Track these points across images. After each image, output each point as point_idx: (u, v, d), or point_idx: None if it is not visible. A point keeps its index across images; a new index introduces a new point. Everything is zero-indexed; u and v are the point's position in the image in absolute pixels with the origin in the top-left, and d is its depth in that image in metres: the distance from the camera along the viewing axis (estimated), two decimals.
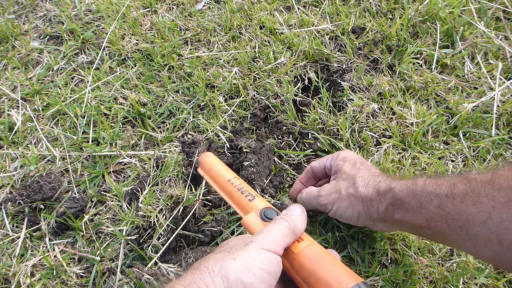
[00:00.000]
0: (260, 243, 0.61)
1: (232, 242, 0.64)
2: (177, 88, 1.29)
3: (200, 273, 0.56)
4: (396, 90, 1.22)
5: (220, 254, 0.59)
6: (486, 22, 1.34)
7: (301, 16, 1.41)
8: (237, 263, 0.57)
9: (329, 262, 0.61)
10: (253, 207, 0.75)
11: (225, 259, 0.57)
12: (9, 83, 1.34)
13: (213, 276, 0.55)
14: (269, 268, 0.58)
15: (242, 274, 0.56)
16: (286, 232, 0.65)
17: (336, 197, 0.85)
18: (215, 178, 0.86)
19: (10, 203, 1.07)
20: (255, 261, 0.58)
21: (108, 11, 1.51)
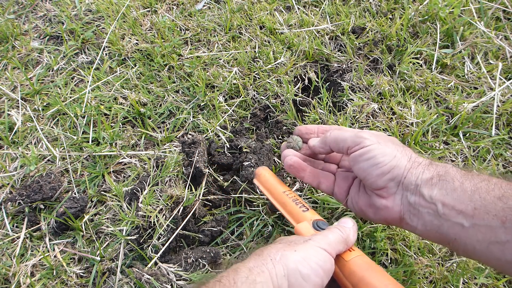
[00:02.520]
0: (318, 242, 0.65)
1: (291, 238, 0.68)
2: (177, 88, 1.29)
3: (263, 259, 0.60)
4: (396, 90, 1.22)
5: (281, 245, 0.63)
6: (486, 22, 1.34)
7: (301, 16, 1.41)
8: (297, 254, 0.61)
9: (378, 272, 0.65)
10: (306, 217, 0.80)
11: (286, 249, 0.62)
12: (9, 83, 1.34)
13: (274, 263, 0.59)
14: (324, 265, 0.62)
15: (301, 265, 0.60)
16: (339, 240, 0.68)
17: (379, 140, 0.74)
18: (270, 189, 0.91)
19: (10, 203, 1.07)
20: (313, 256, 0.62)
21: (108, 11, 1.51)
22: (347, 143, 0.75)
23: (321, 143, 0.82)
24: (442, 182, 0.66)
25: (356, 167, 0.74)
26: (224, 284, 0.56)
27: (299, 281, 0.59)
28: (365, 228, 0.98)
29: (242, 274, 0.57)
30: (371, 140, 0.72)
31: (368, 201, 0.77)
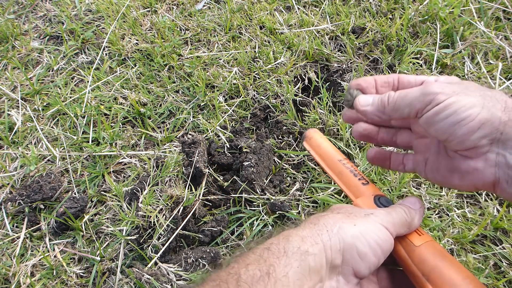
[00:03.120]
0: (380, 218, 0.59)
1: (350, 208, 0.61)
2: (177, 88, 1.29)
3: (318, 229, 0.55)
4: None
5: (339, 216, 0.57)
6: (486, 22, 1.34)
7: (301, 16, 1.41)
8: (356, 229, 0.55)
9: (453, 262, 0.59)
10: (367, 191, 0.71)
11: (345, 221, 0.56)
12: (9, 83, 1.34)
13: (330, 235, 0.54)
14: (383, 244, 0.57)
15: (359, 242, 0.55)
16: (403, 222, 0.61)
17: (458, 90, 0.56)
18: (323, 156, 0.81)
19: (10, 203, 1.07)
20: (373, 233, 0.56)
21: (108, 11, 1.51)
22: (415, 107, 0.57)
23: (377, 110, 0.64)
24: None
25: (432, 129, 0.57)
26: (273, 252, 0.52)
27: (355, 258, 0.55)
28: None
29: (294, 243, 0.53)
30: (445, 94, 0.55)
31: (451, 164, 0.61)
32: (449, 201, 1.03)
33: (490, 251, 0.95)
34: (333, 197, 1.05)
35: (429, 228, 0.98)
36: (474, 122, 0.53)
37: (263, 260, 0.51)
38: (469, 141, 0.54)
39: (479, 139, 0.54)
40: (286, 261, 0.51)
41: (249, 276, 0.49)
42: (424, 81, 0.62)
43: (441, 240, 0.96)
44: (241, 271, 0.49)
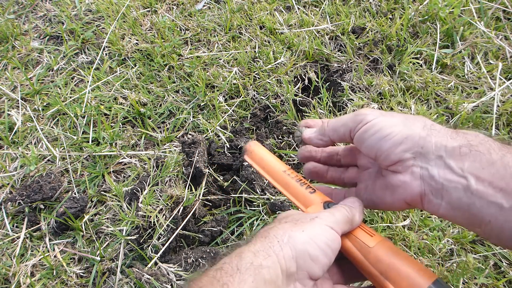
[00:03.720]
0: (325, 220, 0.62)
1: (295, 215, 0.65)
2: (177, 88, 1.29)
3: (269, 241, 0.57)
4: (396, 90, 1.22)
5: (287, 225, 0.60)
6: (486, 22, 1.34)
7: (301, 16, 1.41)
8: (305, 235, 0.58)
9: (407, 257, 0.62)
10: (316, 199, 0.74)
11: (293, 229, 0.59)
12: (9, 83, 1.34)
13: (282, 245, 0.57)
14: (332, 244, 0.60)
15: (310, 246, 0.58)
16: (345, 220, 0.65)
17: (383, 112, 0.65)
18: (267, 168, 0.82)
19: (10, 203, 1.07)
20: (321, 235, 0.60)
21: (108, 11, 1.51)
22: (348, 126, 0.67)
23: (319, 134, 0.73)
24: (475, 153, 0.55)
25: (363, 147, 0.65)
26: (226, 271, 0.53)
27: (308, 262, 0.58)
28: None
29: (246, 259, 0.54)
30: (373, 115, 0.64)
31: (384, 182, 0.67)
32: None
33: (490, 251, 0.95)
34: None
35: (429, 228, 0.98)
36: (397, 137, 0.60)
37: (216, 280, 0.52)
38: (394, 155, 0.61)
39: (403, 152, 0.60)
40: (240, 277, 0.52)
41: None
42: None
43: (441, 240, 0.96)
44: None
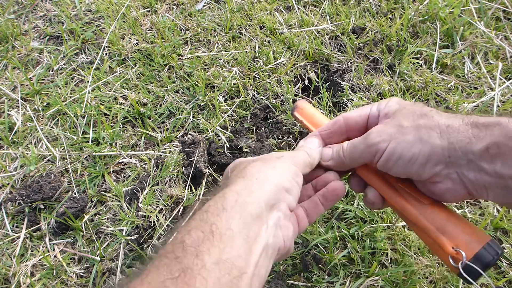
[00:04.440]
0: (289, 159, 0.67)
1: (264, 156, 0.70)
2: (177, 88, 1.29)
3: (248, 180, 0.61)
4: (396, 90, 1.22)
5: (259, 163, 0.65)
6: (486, 22, 1.34)
7: (301, 16, 1.41)
8: (277, 171, 0.63)
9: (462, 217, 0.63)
10: None
11: (266, 167, 0.63)
12: (9, 83, 1.34)
13: (260, 182, 0.60)
14: (298, 178, 0.66)
15: (283, 180, 0.63)
16: (305, 163, 0.71)
17: (394, 132, 0.62)
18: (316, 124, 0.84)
19: (10, 203, 1.07)
20: (289, 171, 0.65)
21: (108, 11, 1.51)
22: (366, 158, 0.67)
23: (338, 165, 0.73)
24: (505, 155, 0.53)
25: (392, 172, 0.64)
26: (212, 212, 0.54)
27: (284, 193, 0.62)
28: (365, 228, 0.98)
29: (230, 198, 0.56)
30: (384, 140, 0.62)
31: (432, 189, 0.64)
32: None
33: None
34: None
35: None
36: (420, 158, 0.59)
37: (204, 222, 0.53)
38: (426, 173, 0.60)
39: (432, 169, 0.60)
40: (227, 215, 0.54)
41: (193, 240, 0.51)
42: (368, 116, 0.71)
43: None
44: (184, 238, 0.51)
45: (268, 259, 0.57)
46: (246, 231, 0.54)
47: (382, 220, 1.00)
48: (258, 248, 0.55)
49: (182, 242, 0.51)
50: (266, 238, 0.56)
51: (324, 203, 0.72)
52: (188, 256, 0.49)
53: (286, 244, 0.62)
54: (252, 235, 0.55)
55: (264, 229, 0.57)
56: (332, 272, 0.95)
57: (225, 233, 0.52)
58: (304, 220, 0.71)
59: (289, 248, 0.64)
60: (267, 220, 0.58)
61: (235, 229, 0.53)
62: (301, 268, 0.96)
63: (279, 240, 0.60)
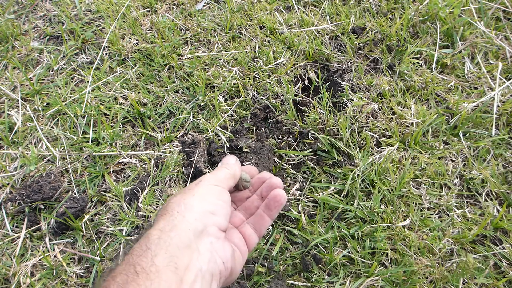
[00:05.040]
0: (208, 181, 0.70)
1: (183, 189, 0.71)
2: (177, 88, 1.29)
3: (170, 215, 0.61)
4: (396, 90, 1.22)
5: (179, 196, 0.65)
6: (486, 22, 1.34)
7: (301, 16, 1.41)
8: (197, 197, 0.65)
9: None
10: None
11: (186, 197, 0.65)
12: (9, 83, 1.34)
13: (182, 213, 0.61)
14: (222, 196, 0.69)
15: (206, 203, 0.65)
16: (227, 176, 0.74)
17: None
18: None
19: (10, 203, 1.07)
20: (210, 193, 0.68)
21: (108, 11, 1.51)
22: None
23: None
24: None
25: None
26: (136, 254, 0.54)
27: (210, 217, 0.64)
28: (365, 228, 0.98)
29: (153, 237, 0.57)
30: None
31: None
32: (449, 201, 1.03)
33: (490, 251, 0.96)
34: (333, 196, 1.05)
35: (429, 228, 0.98)
36: None
37: (128, 265, 0.53)
38: None
39: None
40: (152, 253, 0.54)
41: (118, 285, 0.50)
42: None
43: (441, 240, 0.96)
44: (110, 285, 0.51)
45: (207, 285, 0.58)
46: (174, 263, 0.54)
47: (382, 220, 1.00)
48: (191, 276, 0.55)
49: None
50: (199, 265, 0.57)
51: (268, 213, 0.76)
52: None
53: (227, 265, 0.64)
54: (182, 265, 0.55)
55: (195, 257, 0.58)
56: (332, 272, 0.95)
57: (150, 270, 0.52)
58: (252, 236, 0.75)
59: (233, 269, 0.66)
60: (197, 247, 0.59)
61: (161, 264, 0.53)
62: (301, 268, 0.96)
63: (217, 264, 0.61)
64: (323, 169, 1.11)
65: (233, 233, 0.74)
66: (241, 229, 0.76)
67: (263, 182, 0.82)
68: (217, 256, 0.62)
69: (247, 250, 0.74)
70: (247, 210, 0.80)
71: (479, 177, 1.06)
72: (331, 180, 1.09)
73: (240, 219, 0.79)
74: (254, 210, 0.79)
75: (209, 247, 0.61)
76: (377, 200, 1.02)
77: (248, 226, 0.76)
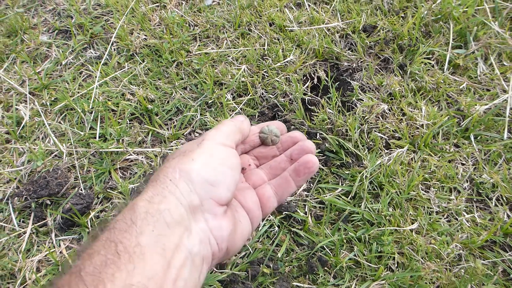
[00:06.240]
0: (212, 139, 0.60)
1: (184, 147, 0.61)
2: (185, 85, 1.28)
3: (161, 183, 0.53)
4: (406, 91, 1.20)
5: (175, 160, 0.56)
6: (500, 22, 1.31)
7: (311, 13, 1.40)
8: (196, 162, 0.55)
9: None
10: None
11: (183, 162, 0.55)
12: (18, 77, 1.34)
13: (176, 182, 0.53)
14: (227, 161, 0.58)
15: (205, 172, 0.55)
16: (234, 130, 0.64)
17: None
18: None
19: (17, 198, 1.07)
20: (213, 157, 0.57)
21: (117, 5, 1.51)
22: None
23: None
24: None
25: None
26: (120, 229, 0.47)
27: (209, 189, 0.54)
28: (372, 231, 0.97)
29: (140, 209, 0.49)
30: None
31: None
32: (458, 205, 1.01)
33: (499, 258, 0.94)
34: (340, 198, 1.04)
35: (437, 233, 0.97)
36: None
37: (109, 242, 0.46)
38: None
39: None
40: (137, 230, 0.47)
41: (94, 267, 0.43)
42: None
43: (449, 245, 0.95)
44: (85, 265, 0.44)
45: (196, 270, 0.51)
46: (161, 243, 0.47)
47: (390, 223, 0.98)
48: (178, 261, 0.48)
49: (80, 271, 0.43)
50: (190, 247, 0.50)
51: (295, 179, 0.68)
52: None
53: (222, 246, 0.55)
54: (171, 246, 0.48)
55: (186, 236, 0.50)
56: (337, 275, 0.95)
57: (134, 251, 0.45)
58: (271, 199, 0.67)
59: (230, 248, 0.57)
60: (189, 225, 0.52)
61: (147, 243, 0.46)
62: (306, 270, 0.96)
63: (209, 245, 0.54)
64: (330, 170, 1.10)
65: (247, 194, 0.65)
66: (260, 190, 0.67)
67: (294, 143, 0.73)
68: (211, 236, 0.54)
69: (261, 214, 0.65)
70: (271, 170, 0.71)
71: (489, 181, 1.04)
72: (338, 181, 1.08)
73: (261, 178, 0.70)
74: (280, 172, 0.70)
75: (203, 225, 0.53)
76: (385, 202, 1.01)
77: (268, 187, 0.68)
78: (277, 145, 0.75)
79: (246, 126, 0.69)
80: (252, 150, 0.74)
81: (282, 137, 0.75)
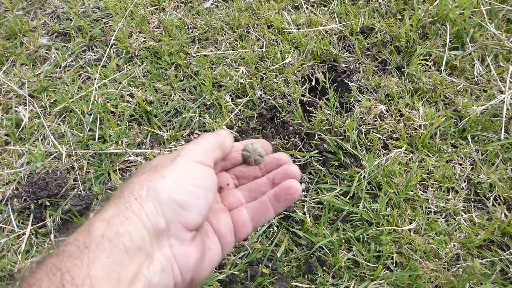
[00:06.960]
0: (188, 156, 0.53)
1: (156, 161, 0.54)
2: (183, 86, 1.28)
3: (125, 202, 0.47)
4: (404, 92, 1.20)
5: (144, 176, 0.50)
6: (497, 24, 1.32)
7: (309, 15, 1.41)
8: (167, 181, 0.49)
9: None
10: None
11: (152, 179, 0.49)
12: (17, 79, 1.35)
13: (141, 202, 0.47)
14: (202, 181, 0.52)
15: (176, 193, 0.49)
16: (213, 146, 0.58)
17: None
18: None
19: (16, 200, 1.07)
20: (187, 176, 0.51)
21: (116, 8, 1.51)
22: None
23: None
24: None
25: None
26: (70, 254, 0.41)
27: (179, 212, 0.48)
28: (371, 230, 0.97)
29: (96, 232, 0.43)
30: None
31: None
32: (456, 205, 1.02)
33: (497, 257, 0.95)
34: (339, 198, 1.04)
35: (435, 232, 0.97)
36: None
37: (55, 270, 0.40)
38: None
39: None
40: (90, 256, 0.41)
41: None
42: None
43: (447, 245, 0.95)
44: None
45: None
46: (116, 274, 0.42)
47: (388, 223, 0.99)
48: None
49: None
50: (149, 277, 0.44)
51: (275, 205, 0.62)
52: None
53: (186, 276, 0.49)
54: (127, 276, 0.42)
55: (146, 265, 0.45)
56: (336, 275, 0.95)
57: (82, 283, 0.39)
58: (246, 224, 0.61)
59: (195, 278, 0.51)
60: (152, 252, 0.46)
61: (99, 274, 0.40)
62: (305, 270, 0.96)
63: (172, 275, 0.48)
64: (329, 171, 1.10)
65: (221, 217, 0.59)
66: (235, 213, 0.61)
67: (279, 166, 0.66)
68: (175, 264, 0.48)
69: (233, 240, 0.59)
70: (250, 192, 0.65)
71: (487, 181, 1.05)
72: (337, 182, 1.08)
73: (239, 200, 0.64)
74: (259, 195, 0.64)
75: (167, 252, 0.47)
76: (383, 202, 1.01)
77: (245, 211, 0.62)
78: (260, 165, 0.68)
79: (229, 142, 0.63)
80: (233, 168, 0.69)
81: (267, 158, 0.68)
